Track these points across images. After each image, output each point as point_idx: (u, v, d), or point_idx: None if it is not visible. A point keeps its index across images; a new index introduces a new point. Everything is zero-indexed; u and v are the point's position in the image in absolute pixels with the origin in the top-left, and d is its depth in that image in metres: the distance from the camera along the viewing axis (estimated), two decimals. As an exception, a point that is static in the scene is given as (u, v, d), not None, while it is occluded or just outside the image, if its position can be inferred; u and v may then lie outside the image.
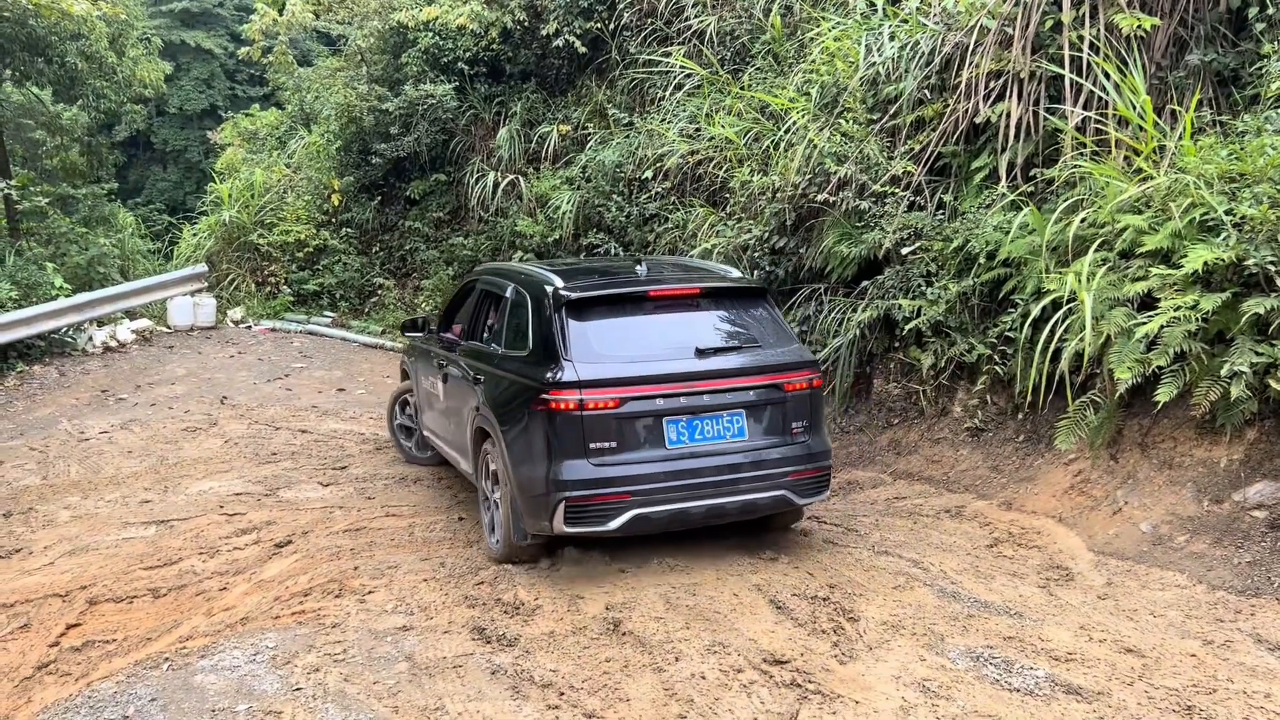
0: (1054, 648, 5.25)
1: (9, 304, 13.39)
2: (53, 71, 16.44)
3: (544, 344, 6.29)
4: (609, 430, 5.94)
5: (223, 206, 16.15)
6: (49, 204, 16.57)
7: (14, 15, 14.09)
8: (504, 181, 13.91)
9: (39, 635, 6.50)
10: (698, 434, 6.13)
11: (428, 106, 14.19)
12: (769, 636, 5.43)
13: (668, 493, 6.02)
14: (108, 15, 15.65)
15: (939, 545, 6.90)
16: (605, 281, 6.79)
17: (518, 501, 6.27)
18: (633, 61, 13.41)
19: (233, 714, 4.81)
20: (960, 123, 8.76)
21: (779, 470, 6.26)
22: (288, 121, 19.17)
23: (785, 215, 9.71)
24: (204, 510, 8.58)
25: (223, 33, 31.43)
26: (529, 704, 4.81)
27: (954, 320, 8.40)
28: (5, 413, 11.92)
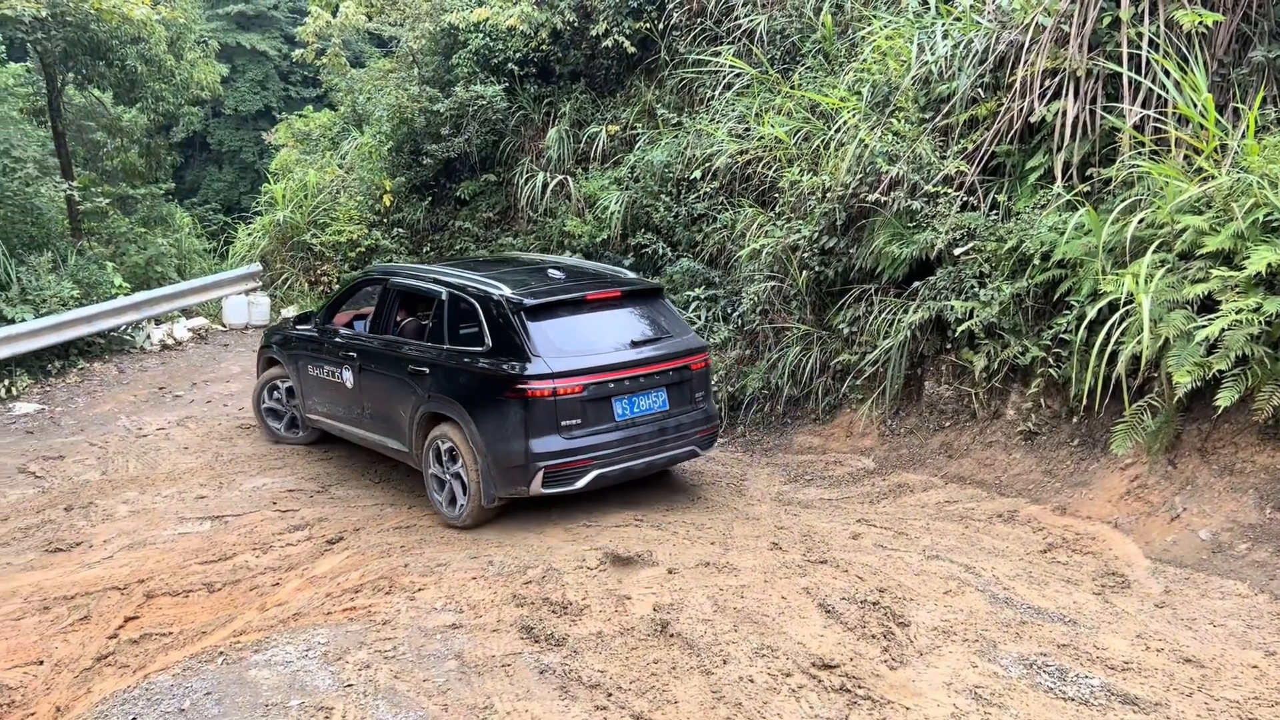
0: (1110, 656, 5.15)
1: (71, 302, 13.70)
2: (113, 74, 16.80)
3: (507, 342, 7.53)
4: (575, 410, 7.41)
5: (277, 207, 16.39)
6: (109, 204, 16.93)
7: (77, 20, 14.41)
8: (553, 182, 13.95)
9: (98, 627, 6.65)
10: (636, 408, 7.75)
11: (478, 107, 14.27)
12: (818, 641, 5.40)
13: (619, 455, 7.61)
14: (167, 19, 15.96)
15: (991, 550, 6.81)
16: (549, 289, 7.99)
17: (491, 471, 7.50)
18: (682, 61, 13.38)
19: (285, 709, 4.88)
20: (1015, 122, 8.63)
21: (690, 430, 8.07)
22: (340, 122, 19.40)
23: (835, 215, 9.63)
24: (257, 506, 8.72)
25: (277, 35, 31.90)
26: (577, 704, 4.83)
27: (1007, 322, 8.28)
28: (67, 409, 12.21)
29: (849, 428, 9.47)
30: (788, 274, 10.21)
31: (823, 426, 9.74)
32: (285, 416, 10.45)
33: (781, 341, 10.32)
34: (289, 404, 10.35)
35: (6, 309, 12.93)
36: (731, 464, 9.41)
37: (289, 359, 10.04)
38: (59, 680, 5.97)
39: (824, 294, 10.07)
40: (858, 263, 9.58)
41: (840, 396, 9.72)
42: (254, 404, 10.74)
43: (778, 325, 10.39)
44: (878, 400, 9.30)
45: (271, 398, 10.47)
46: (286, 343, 10.13)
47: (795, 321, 10.16)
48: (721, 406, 10.51)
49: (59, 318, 13.13)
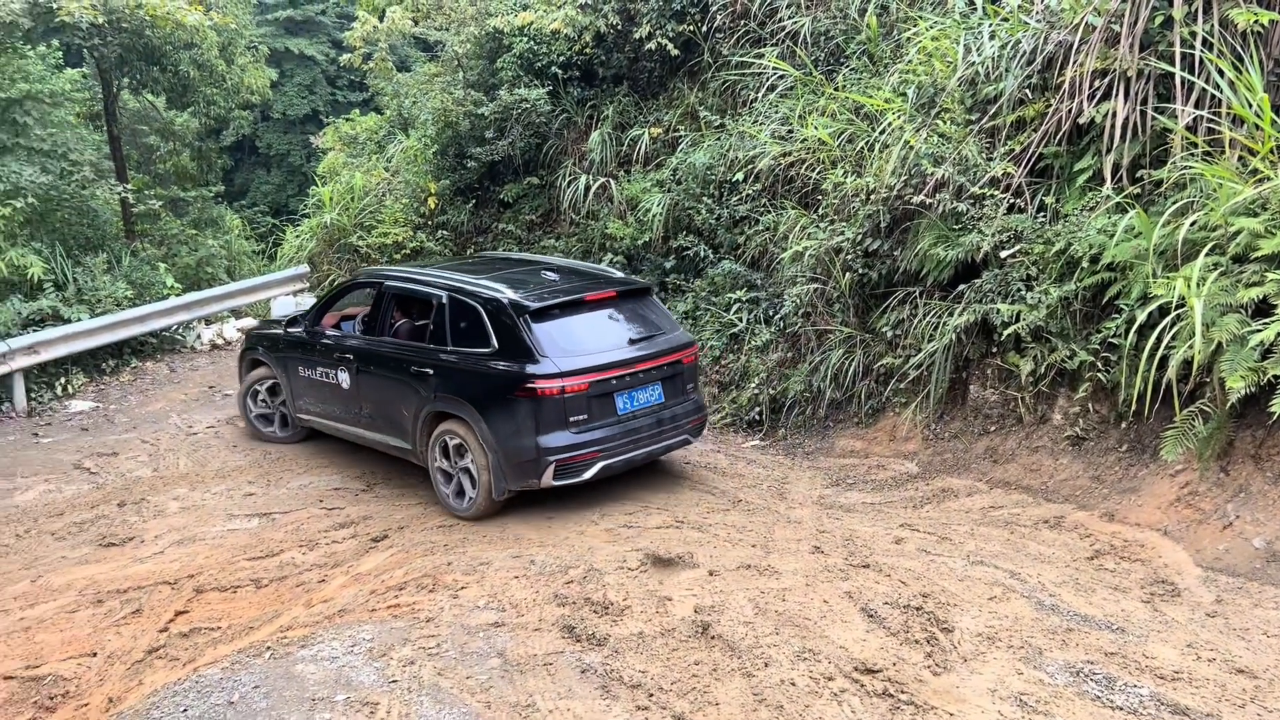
0: (1159, 666, 5.08)
1: (124, 302, 13.98)
2: (167, 79, 17.13)
3: (513, 344, 7.86)
4: (581, 406, 7.79)
5: (324, 209, 16.60)
6: (162, 207, 17.26)
7: (132, 26, 14.71)
8: (595, 184, 13.99)
9: (149, 620, 6.78)
10: (635, 402, 8.14)
11: (522, 111, 14.36)
12: (860, 645, 5.37)
13: (622, 446, 8.02)
14: (218, 25, 16.23)
15: (1037, 556, 6.73)
16: (550, 291, 8.33)
17: (502, 466, 7.83)
18: (725, 63, 13.37)
19: (331, 704, 4.95)
20: (1063, 123, 8.52)
21: (683, 421, 8.52)
22: (386, 126, 19.60)
23: (879, 217, 9.57)
24: (304, 504, 8.84)
25: (324, 40, 32.33)
26: (618, 704, 4.84)
27: (1055, 325, 8.18)
28: (120, 407, 12.46)
29: (892, 432, 9.40)
30: (831, 276, 10.17)
31: (865, 430, 9.67)
32: (272, 416, 10.69)
33: (824, 344, 10.28)
34: (276, 404, 10.61)
35: (63, 309, 13.23)
36: (772, 467, 9.38)
37: (277, 361, 10.28)
38: (112, 672, 6.10)
39: (867, 296, 10.01)
40: (902, 265, 9.51)
41: (883, 400, 9.66)
42: (240, 405, 10.97)
43: (820, 328, 10.35)
44: (921, 404, 9.22)
45: (258, 398, 10.71)
46: (274, 345, 10.36)
47: (838, 324, 10.11)
48: (763, 409, 10.49)
49: (113, 317, 13.41)
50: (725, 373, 11.40)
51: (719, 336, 11.58)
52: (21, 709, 5.84)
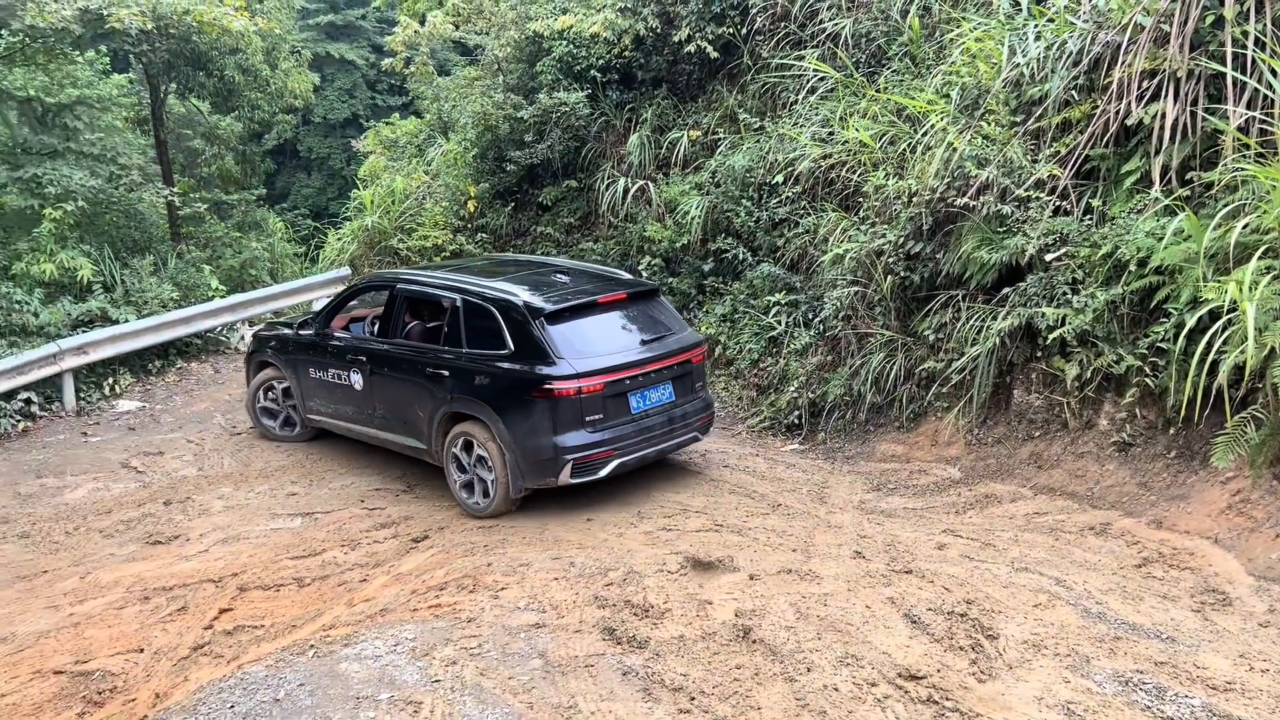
0: (1211, 676, 4.98)
1: (170, 304, 14.19)
2: (212, 84, 17.37)
3: (530, 346, 8.03)
4: (597, 406, 7.98)
5: (365, 212, 16.75)
6: (206, 210, 17.51)
7: (179, 32, 14.93)
8: (634, 187, 13.99)
9: (195, 618, 6.87)
10: (648, 401, 8.35)
11: (561, 114, 14.39)
12: (903, 651, 5.32)
13: (635, 444, 8.23)
14: (263, 30, 16.42)
15: (1082, 563, 6.64)
16: (564, 294, 8.51)
17: (520, 465, 8.02)
18: (765, 66, 13.31)
19: (375, 702, 4.98)
20: (1110, 124, 8.40)
21: (693, 418, 8.77)
22: (426, 130, 19.72)
23: (922, 220, 9.49)
24: (346, 504, 8.92)
25: (365, 44, 32.63)
26: (660, 707, 4.84)
27: (1101, 330, 8.06)
28: (166, 407, 12.65)
29: (934, 436, 9.32)
30: (871, 279, 10.10)
31: (907, 435, 9.59)
32: (280, 416, 10.87)
33: (864, 348, 10.21)
34: (284, 404, 10.78)
35: (112, 310, 13.45)
36: (812, 471, 9.33)
37: (287, 363, 10.46)
38: (158, 668, 6.19)
39: (909, 300, 9.92)
40: (944, 268, 9.42)
41: (925, 404, 9.57)
42: (249, 406, 11.16)
43: (861, 331, 10.28)
44: (964, 409, 9.13)
45: (267, 398, 10.89)
46: (283, 347, 10.54)
47: (879, 327, 10.04)
48: (802, 413, 10.43)
49: (159, 319, 13.61)
50: (764, 376, 11.35)
51: (757, 340, 11.54)
52: (71, 703, 5.94)
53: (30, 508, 9.40)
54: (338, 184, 30.38)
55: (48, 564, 8.10)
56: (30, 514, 9.23)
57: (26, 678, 6.24)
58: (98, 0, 13.33)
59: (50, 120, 14.70)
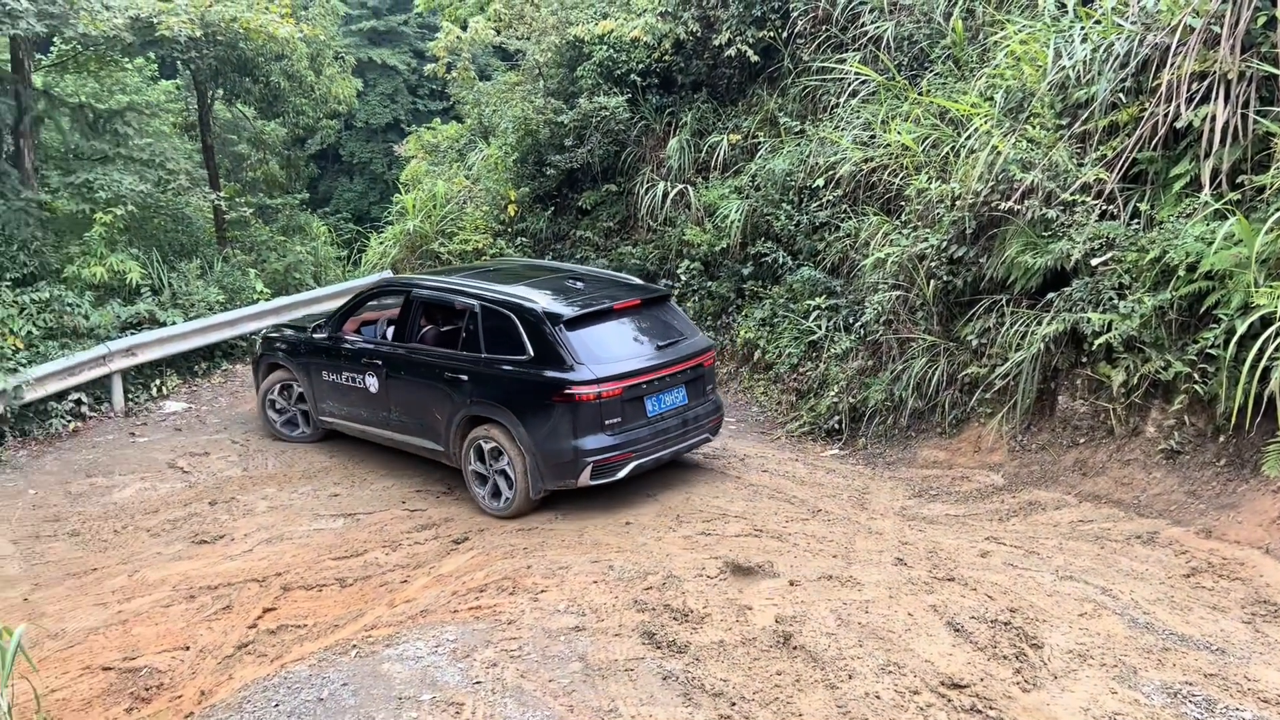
0: (1263, 689, 4.89)
1: (216, 307, 14.41)
2: (258, 90, 17.63)
3: (549, 352, 8.23)
4: (616, 410, 8.18)
5: (407, 216, 16.91)
6: (252, 214, 17.76)
7: (227, 39, 15.16)
8: (673, 191, 14.00)
9: (239, 617, 6.97)
10: (663, 404, 8.57)
11: (601, 118, 14.43)
12: (946, 659, 5.27)
13: (652, 446, 8.45)
14: (308, 36, 16.63)
15: (1129, 573, 6.54)
16: (581, 300, 8.71)
17: (540, 467, 8.22)
18: (805, 69, 13.26)
19: (418, 703, 5.02)
20: (1159, 127, 8.27)
21: (705, 420, 9.01)
22: (467, 134, 19.86)
23: (965, 224, 9.40)
24: (387, 505, 9.00)
25: (406, 50, 32.88)
26: (701, 712, 4.83)
27: (1148, 335, 7.94)
28: (211, 408, 12.84)
29: (977, 442, 9.22)
30: (914, 284, 10.02)
31: (949, 440, 9.50)
32: (288, 416, 11.13)
33: (906, 352, 10.13)
34: (293, 405, 11.02)
35: (159, 312, 13.68)
36: (852, 476, 9.27)
37: (298, 366, 10.67)
38: (203, 666, 6.28)
39: (952, 304, 9.84)
40: (988, 272, 9.33)
41: (968, 410, 9.47)
42: (260, 407, 11.37)
43: (902, 336, 10.20)
44: (1008, 414, 9.03)
45: (279, 398, 11.11)
46: (294, 350, 10.75)
47: (921, 332, 9.95)
48: (842, 418, 10.37)
49: (205, 321, 13.82)
50: (803, 380, 11.30)
51: (797, 344, 11.49)
52: (119, 699, 6.04)
53: (80, 506, 9.58)
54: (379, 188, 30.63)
55: (97, 562, 8.26)
56: (80, 512, 9.40)
57: (77, 673, 6.37)
58: (148, 8, 13.56)
59: (101, 126, 14.97)
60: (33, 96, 13.89)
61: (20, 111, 13.49)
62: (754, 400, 11.82)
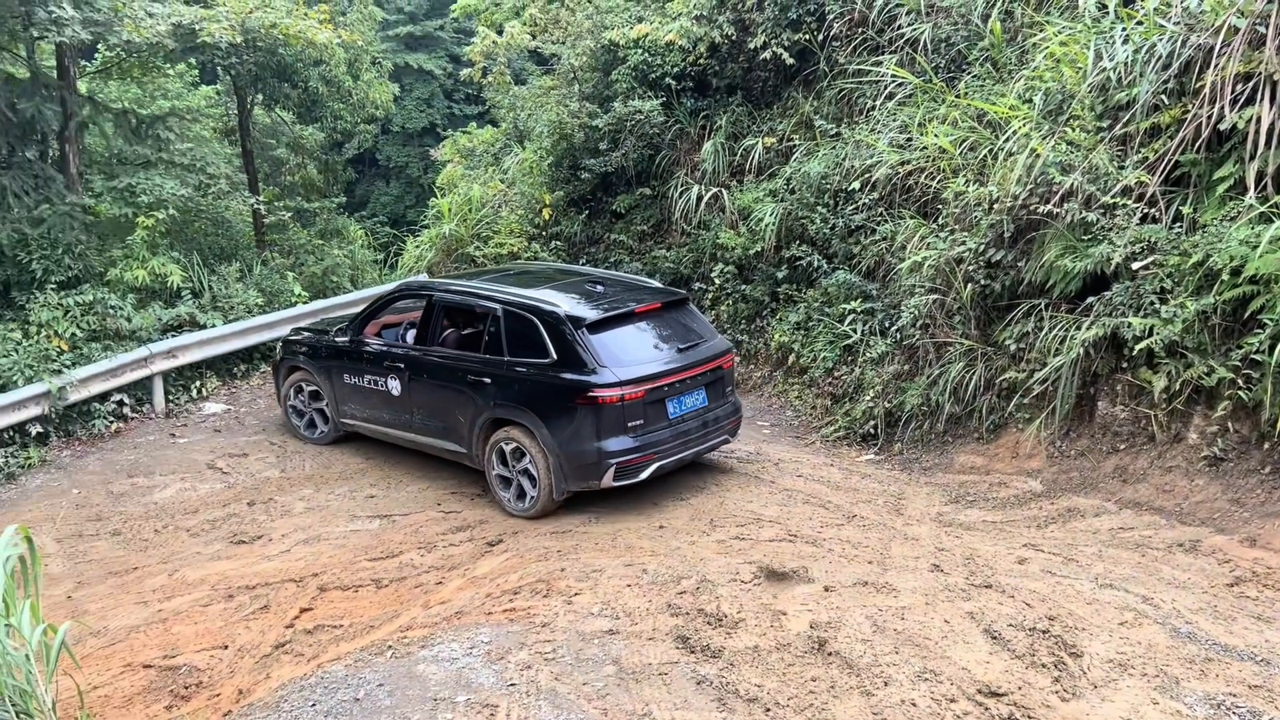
0: (1309, 702, 4.79)
1: (255, 309, 14.58)
2: (297, 95, 17.82)
3: (573, 355, 8.30)
4: (638, 412, 8.25)
5: (443, 220, 17.01)
6: (290, 217, 17.95)
7: (266, 45, 15.35)
8: (707, 194, 13.97)
9: (276, 617, 7.03)
10: (684, 406, 8.65)
11: (635, 122, 14.44)
12: (983, 667, 5.22)
13: (673, 448, 8.50)
14: (346, 42, 16.80)
15: (1171, 581, 6.44)
16: (603, 304, 8.74)
17: (564, 468, 8.30)
18: (841, 72, 13.19)
19: (453, 704, 5.04)
20: (1202, 129, 8.15)
21: (724, 422, 9.08)
22: (503, 139, 19.96)
23: (1003, 227, 9.31)
24: (422, 507, 9.06)
25: (442, 55, 33.10)
26: (735, 717, 4.81)
27: (1191, 340, 7.82)
28: (250, 410, 12.98)
29: (1014, 448, 9.12)
30: (951, 287, 9.93)
31: (986, 446, 9.41)
32: (307, 417, 11.26)
33: (943, 357, 10.04)
34: (310, 406, 11.17)
35: (200, 315, 13.86)
36: (888, 482, 9.20)
37: (319, 369, 10.79)
38: (241, 664, 6.35)
39: (989, 308, 9.74)
40: (1026, 276, 9.23)
41: (1005, 415, 9.38)
42: (283, 409, 11.59)
43: (939, 340, 10.11)
44: (1046, 420, 8.92)
45: (298, 397, 11.29)
46: (315, 353, 10.88)
47: (958, 336, 9.87)
48: (878, 423, 10.31)
49: (244, 324, 13.98)
50: (838, 385, 11.24)
51: (832, 348, 11.43)
52: (159, 696, 6.13)
53: (121, 506, 9.73)
54: (416, 192, 30.85)
55: (138, 561, 8.38)
56: (122, 512, 9.55)
57: (118, 671, 6.46)
58: (190, 15, 13.76)
59: (144, 131, 15.20)
60: (78, 102, 14.13)
61: (66, 117, 13.73)
62: (788, 404, 11.77)
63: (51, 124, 13.76)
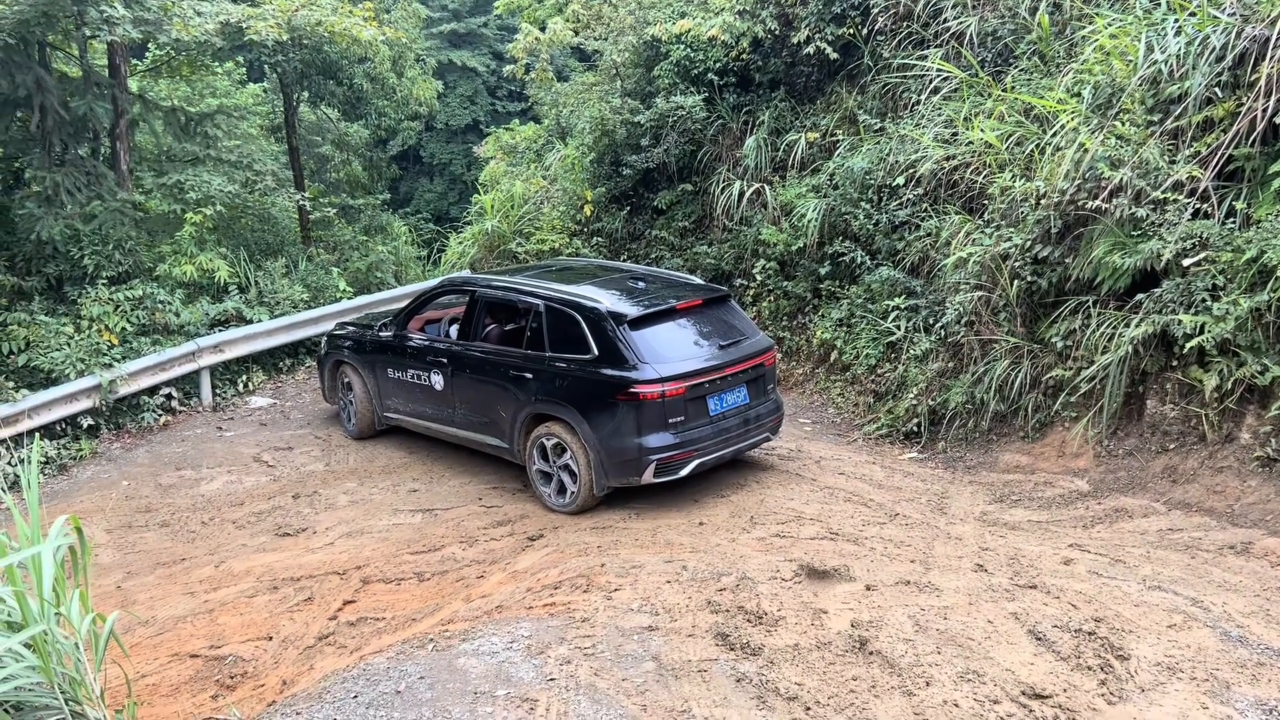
0: (1366, 710, 4.67)
1: (301, 305, 14.76)
2: (342, 92, 18.03)
3: (614, 351, 8.30)
4: (680, 409, 8.23)
5: (486, 216, 17.10)
6: (335, 214, 18.15)
7: (312, 43, 15.54)
8: (749, 190, 13.90)
9: (320, 609, 7.12)
10: (724, 403, 8.57)
11: (677, 118, 14.41)
12: (1027, 668, 5.15)
13: (714, 445, 8.46)
14: (390, 39, 16.96)
15: (1221, 584, 6.30)
16: (646, 301, 8.77)
17: (605, 464, 8.30)
18: (885, 66, 13.07)
19: (493, 698, 5.06)
20: (1257, 123, 7.97)
21: (766, 419, 9.00)
22: (545, 135, 20.03)
23: (1050, 223, 9.17)
24: (464, 501, 9.11)
25: (485, 51, 33.30)
26: (774, 715, 4.78)
27: (1244, 338, 7.65)
28: (295, 404, 13.15)
29: (1061, 447, 8.99)
30: (996, 284, 9.80)
31: (1031, 445, 9.28)
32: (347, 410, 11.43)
33: (988, 354, 9.92)
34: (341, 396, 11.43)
35: (246, 310, 14.07)
36: (931, 480, 9.10)
37: (365, 364, 10.89)
38: (285, 655, 6.43)
39: (1036, 305, 9.60)
40: (1074, 273, 9.08)
41: (1052, 414, 9.24)
42: (340, 404, 11.61)
43: (984, 337, 9.99)
44: (1094, 419, 8.78)
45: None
46: (360, 348, 10.98)
47: (1004, 334, 9.74)
48: (921, 421, 10.20)
49: (290, 319, 14.16)
50: (881, 382, 11.14)
51: (875, 345, 11.33)
52: (205, 685, 6.22)
53: (169, 498, 9.89)
54: (459, 189, 31.08)
55: (185, 552, 8.52)
56: (169, 504, 9.71)
57: (165, 660, 6.57)
58: (237, 13, 13.95)
59: (192, 129, 15.45)
60: (128, 100, 14.39)
61: (117, 115, 13.99)
62: (830, 402, 11.69)
63: (103, 122, 14.03)
